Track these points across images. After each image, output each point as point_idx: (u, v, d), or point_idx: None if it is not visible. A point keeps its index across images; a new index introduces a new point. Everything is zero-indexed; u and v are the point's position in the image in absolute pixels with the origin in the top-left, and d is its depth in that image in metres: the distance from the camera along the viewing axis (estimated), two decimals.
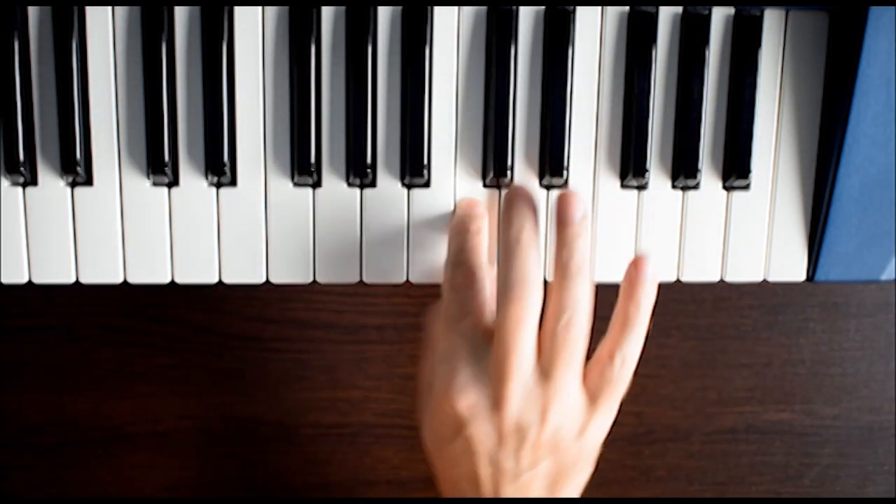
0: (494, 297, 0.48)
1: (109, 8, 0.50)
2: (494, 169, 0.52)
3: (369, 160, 0.52)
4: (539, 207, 0.53)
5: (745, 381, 0.62)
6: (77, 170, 0.50)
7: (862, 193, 0.53)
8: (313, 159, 0.51)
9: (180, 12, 0.50)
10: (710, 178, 0.54)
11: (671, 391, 0.62)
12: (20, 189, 0.51)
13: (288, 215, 0.52)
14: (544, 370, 0.47)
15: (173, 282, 0.52)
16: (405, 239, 0.53)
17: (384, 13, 0.51)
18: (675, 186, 0.54)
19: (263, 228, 0.52)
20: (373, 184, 0.52)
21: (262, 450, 0.61)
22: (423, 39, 0.51)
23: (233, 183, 0.52)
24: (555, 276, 0.48)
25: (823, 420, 0.63)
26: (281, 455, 0.61)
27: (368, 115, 0.51)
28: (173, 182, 0.51)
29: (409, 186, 0.53)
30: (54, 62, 0.50)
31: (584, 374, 0.48)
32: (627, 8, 0.52)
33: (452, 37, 0.52)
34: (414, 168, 0.52)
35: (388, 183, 0.52)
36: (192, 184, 0.52)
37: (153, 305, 0.58)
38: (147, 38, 0.50)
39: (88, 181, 0.51)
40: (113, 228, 0.51)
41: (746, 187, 0.54)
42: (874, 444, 0.63)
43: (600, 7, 0.52)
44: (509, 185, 0.53)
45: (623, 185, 0.53)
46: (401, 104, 0.52)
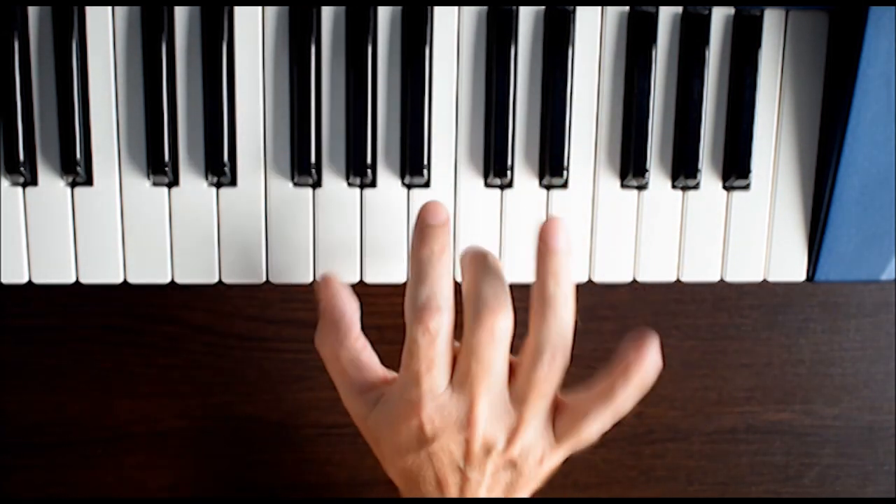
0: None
1: (109, 8, 0.50)
2: (494, 169, 0.52)
3: (369, 160, 0.52)
4: (537, 209, 0.53)
5: (745, 381, 0.62)
6: (77, 170, 0.50)
7: (862, 193, 0.53)
8: (313, 159, 0.51)
9: (180, 12, 0.50)
10: (710, 178, 0.54)
11: (671, 391, 0.62)
12: (20, 189, 0.51)
13: (288, 215, 0.52)
14: (518, 399, 0.46)
15: (173, 282, 0.52)
16: (405, 239, 0.53)
17: (384, 13, 0.51)
18: (675, 186, 0.54)
19: (263, 228, 0.52)
20: (373, 184, 0.52)
21: (262, 450, 0.61)
22: (423, 39, 0.51)
23: (233, 183, 0.52)
24: (536, 306, 0.45)
25: (823, 420, 0.63)
26: (281, 455, 0.61)
27: (368, 115, 0.51)
28: (173, 182, 0.51)
29: (409, 186, 0.53)
30: (54, 62, 0.50)
31: (556, 404, 0.48)
32: (627, 8, 0.52)
33: (452, 37, 0.52)
34: (414, 168, 0.52)
35: (388, 183, 0.52)
36: (192, 184, 0.52)
37: (153, 305, 0.58)
38: (147, 38, 0.50)
39: (88, 181, 0.51)
40: (113, 228, 0.51)
41: (746, 187, 0.54)
42: (874, 444, 0.63)
43: (600, 7, 0.52)
44: (509, 185, 0.53)
45: (623, 185, 0.53)
46: (401, 104, 0.52)
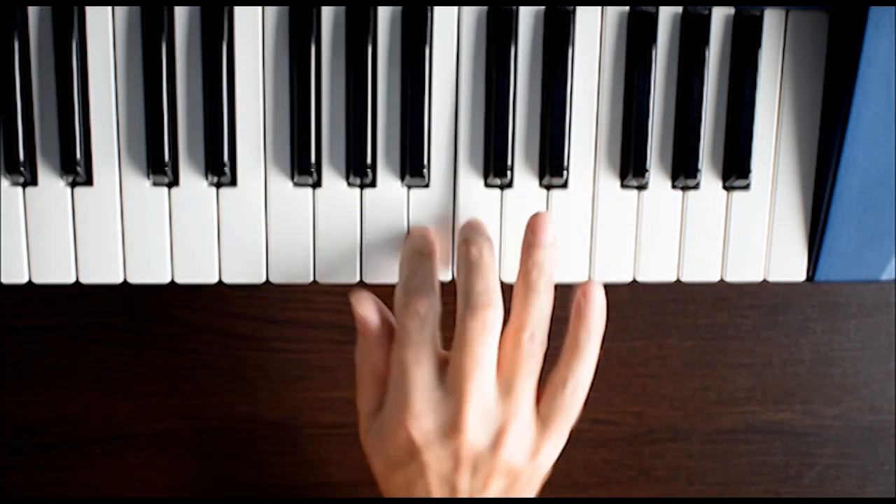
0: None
1: (109, 8, 0.50)
2: (494, 169, 0.52)
3: (369, 160, 0.52)
4: (537, 209, 0.53)
5: (745, 381, 0.62)
6: (77, 170, 0.50)
7: (862, 193, 0.53)
8: (313, 159, 0.51)
9: (180, 12, 0.50)
10: (710, 178, 0.54)
11: (671, 391, 0.62)
12: (20, 189, 0.51)
13: (288, 215, 0.52)
14: (505, 384, 0.48)
15: (173, 282, 0.52)
16: (405, 239, 0.53)
17: (384, 13, 0.51)
18: (675, 186, 0.54)
19: (263, 228, 0.52)
20: (373, 184, 0.52)
21: (263, 450, 0.61)
22: (423, 39, 0.51)
23: (233, 183, 0.52)
24: (519, 292, 0.48)
25: (823, 420, 0.63)
26: (281, 455, 0.61)
27: (368, 115, 0.51)
28: (173, 182, 0.51)
29: (409, 186, 0.53)
30: (54, 62, 0.50)
31: (537, 397, 0.49)
32: (627, 8, 0.52)
33: (452, 37, 0.52)
34: (414, 168, 0.52)
35: (388, 183, 0.52)
36: (192, 184, 0.52)
37: (153, 305, 0.58)
38: (147, 38, 0.50)
39: (88, 181, 0.51)
40: (113, 228, 0.51)
41: (746, 187, 0.54)
42: (874, 444, 0.63)
43: (600, 7, 0.52)
44: (509, 185, 0.53)
45: (623, 185, 0.53)
46: (401, 104, 0.52)
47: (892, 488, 0.64)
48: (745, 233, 0.54)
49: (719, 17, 0.52)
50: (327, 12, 0.51)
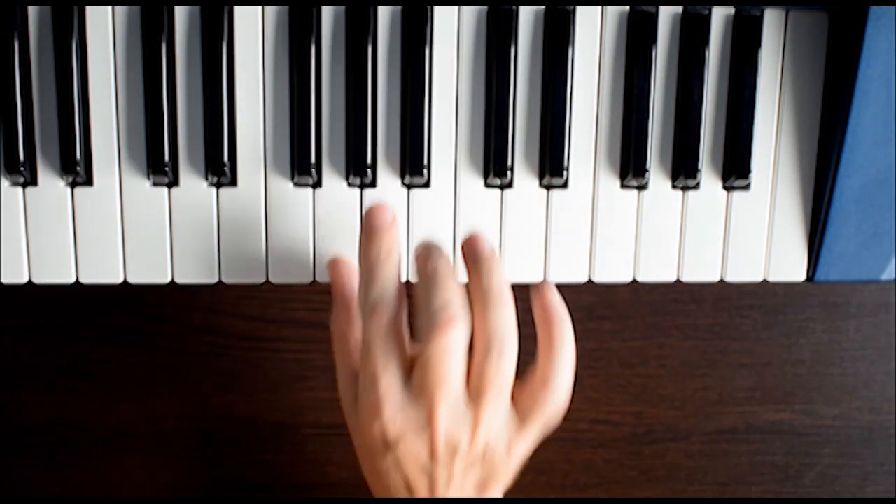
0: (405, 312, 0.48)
1: (109, 8, 0.50)
2: (494, 169, 0.52)
3: (369, 160, 0.52)
4: (537, 209, 0.53)
5: (745, 381, 0.62)
6: (77, 170, 0.50)
7: (862, 193, 0.53)
8: (313, 159, 0.51)
9: (180, 12, 0.50)
10: (710, 178, 0.54)
11: (671, 391, 0.62)
12: (20, 189, 0.51)
13: (288, 215, 0.52)
14: (474, 395, 0.47)
15: (173, 282, 0.52)
16: (405, 239, 0.53)
17: (384, 13, 0.51)
18: (675, 186, 0.54)
19: (263, 228, 0.52)
20: (373, 184, 0.52)
21: (262, 450, 0.61)
22: (423, 39, 0.51)
23: (233, 183, 0.52)
24: (477, 309, 0.47)
25: (823, 420, 0.63)
26: (281, 455, 0.61)
27: (368, 115, 0.51)
28: (173, 182, 0.51)
29: (409, 186, 0.53)
30: (54, 62, 0.50)
31: (514, 393, 0.48)
32: (627, 8, 0.52)
33: (452, 37, 0.52)
34: (414, 168, 0.52)
35: (388, 183, 0.52)
36: (192, 184, 0.52)
37: (153, 305, 0.58)
38: (147, 38, 0.50)
39: (88, 181, 0.51)
40: (113, 228, 0.51)
41: (746, 187, 0.54)
42: (874, 444, 0.63)
43: (600, 7, 0.52)
44: (509, 185, 0.53)
45: (623, 185, 0.53)
46: (401, 104, 0.52)
47: (892, 488, 0.64)
48: (745, 233, 0.54)
49: (719, 17, 0.52)
50: (327, 12, 0.51)
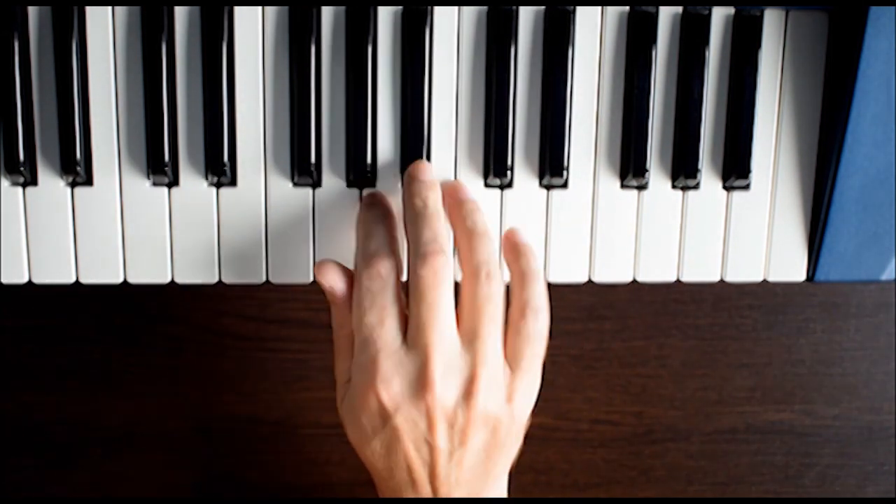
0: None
1: (109, 8, 0.50)
2: (494, 169, 0.52)
3: (369, 160, 0.52)
4: (537, 209, 0.53)
5: (745, 381, 0.62)
6: (77, 170, 0.50)
7: (862, 193, 0.53)
8: (313, 159, 0.51)
9: (180, 12, 0.50)
10: (710, 178, 0.54)
11: (671, 391, 0.62)
12: (20, 189, 0.51)
13: (288, 215, 0.52)
14: (468, 333, 0.47)
15: (173, 282, 0.52)
16: (405, 238, 0.53)
17: (384, 13, 0.51)
18: (675, 186, 0.54)
19: (263, 228, 0.52)
20: (373, 184, 0.52)
21: (262, 450, 0.61)
22: (423, 39, 0.51)
23: (233, 183, 0.52)
24: (462, 244, 0.49)
25: (823, 420, 0.63)
26: (281, 455, 0.61)
27: (368, 115, 0.51)
28: (173, 182, 0.51)
29: None
30: (54, 62, 0.50)
31: (503, 341, 0.49)
32: (627, 8, 0.52)
33: (452, 37, 0.52)
34: None
35: (388, 183, 0.52)
36: (192, 184, 0.52)
37: (153, 305, 0.58)
38: (147, 38, 0.50)
39: (88, 181, 0.51)
40: (113, 228, 0.51)
41: (746, 187, 0.54)
42: (874, 444, 0.63)
43: (600, 7, 0.52)
44: (509, 185, 0.53)
45: (623, 185, 0.53)
46: (401, 104, 0.52)
47: (892, 488, 0.64)
48: (745, 233, 0.54)
49: (719, 17, 0.52)
50: (327, 12, 0.51)
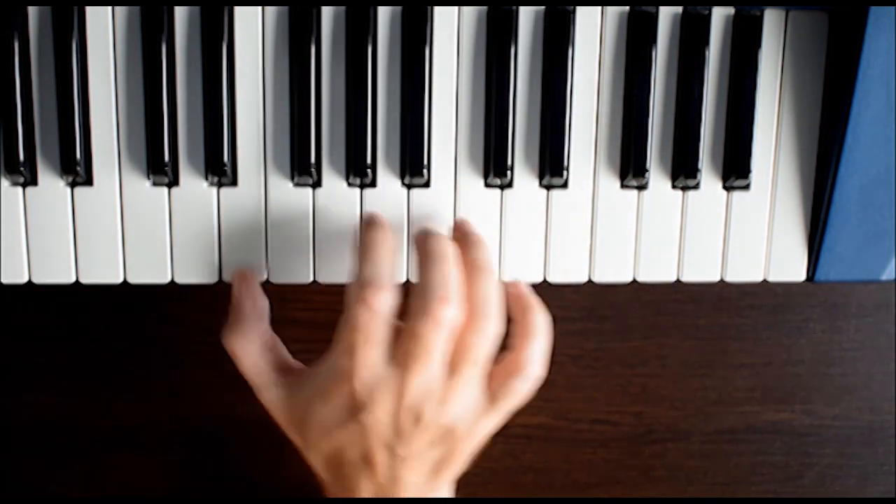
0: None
1: (109, 8, 0.50)
2: (494, 169, 0.52)
3: (369, 160, 0.52)
4: (537, 209, 0.53)
5: (745, 381, 0.62)
6: (77, 170, 0.50)
7: (862, 193, 0.53)
8: (313, 159, 0.51)
9: (180, 12, 0.50)
10: (710, 178, 0.54)
11: (671, 391, 0.62)
12: (20, 189, 0.51)
13: (288, 215, 0.52)
14: (452, 367, 0.48)
15: (173, 282, 0.52)
16: (405, 238, 0.53)
17: (384, 13, 0.51)
18: (675, 186, 0.54)
19: (263, 228, 0.52)
20: (373, 184, 0.52)
21: (263, 450, 0.61)
22: (423, 39, 0.51)
23: (233, 183, 0.52)
24: (467, 275, 0.49)
25: (823, 420, 0.63)
26: (281, 455, 0.61)
27: (368, 115, 0.51)
28: (173, 182, 0.51)
29: (409, 186, 0.53)
30: (54, 62, 0.50)
31: (490, 374, 0.49)
32: (627, 8, 0.52)
33: (452, 37, 0.52)
34: (414, 168, 0.52)
35: (388, 183, 0.52)
36: (192, 184, 0.52)
37: (154, 305, 0.58)
38: (147, 38, 0.50)
39: (88, 181, 0.51)
40: (113, 228, 0.51)
41: (746, 187, 0.54)
42: (874, 444, 0.63)
43: (600, 7, 0.52)
44: (509, 184, 0.53)
45: (623, 185, 0.53)
46: (401, 104, 0.52)
47: (892, 488, 0.64)
48: (745, 233, 0.54)
49: (719, 17, 0.52)
50: (327, 12, 0.51)
